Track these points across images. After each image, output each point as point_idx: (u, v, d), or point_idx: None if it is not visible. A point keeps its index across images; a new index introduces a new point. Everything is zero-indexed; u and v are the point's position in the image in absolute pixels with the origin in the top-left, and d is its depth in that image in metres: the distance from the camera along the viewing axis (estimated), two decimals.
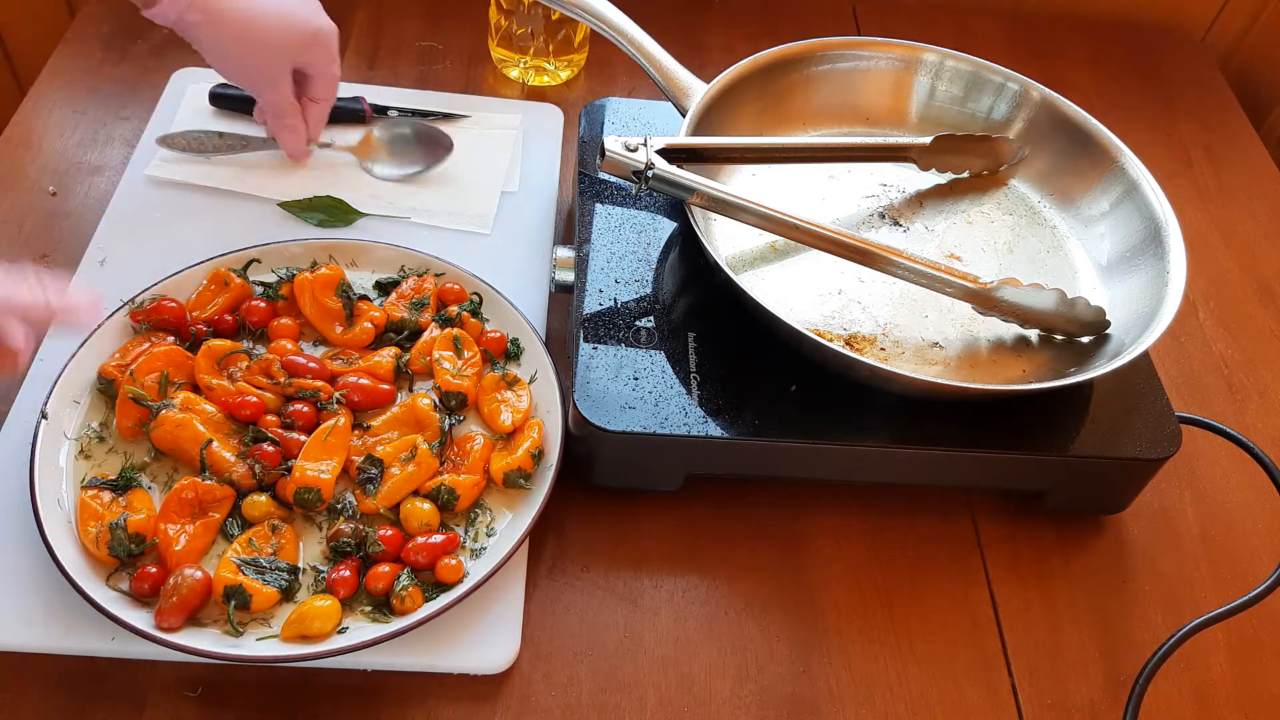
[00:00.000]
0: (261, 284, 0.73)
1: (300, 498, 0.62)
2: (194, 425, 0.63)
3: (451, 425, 0.68)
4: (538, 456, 0.66)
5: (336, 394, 0.67)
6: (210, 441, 0.63)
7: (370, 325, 0.71)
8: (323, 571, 0.61)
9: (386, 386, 0.68)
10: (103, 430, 0.65)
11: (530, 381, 0.70)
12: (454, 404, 0.68)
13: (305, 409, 0.66)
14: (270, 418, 0.65)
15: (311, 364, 0.68)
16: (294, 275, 0.72)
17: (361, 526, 0.62)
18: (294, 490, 0.62)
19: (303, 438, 0.64)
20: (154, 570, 0.59)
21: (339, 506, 0.64)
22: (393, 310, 0.73)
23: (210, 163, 0.83)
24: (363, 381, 0.68)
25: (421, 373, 0.71)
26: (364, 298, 0.73)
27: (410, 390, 0.70)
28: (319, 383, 0.67)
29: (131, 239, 0.77)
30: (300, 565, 0.61)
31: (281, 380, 0.67)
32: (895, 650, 0.65)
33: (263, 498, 0.62)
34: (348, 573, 0.60)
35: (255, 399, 0.65)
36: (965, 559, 0.70)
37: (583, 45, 0.96)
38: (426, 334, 0.71)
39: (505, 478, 0.65)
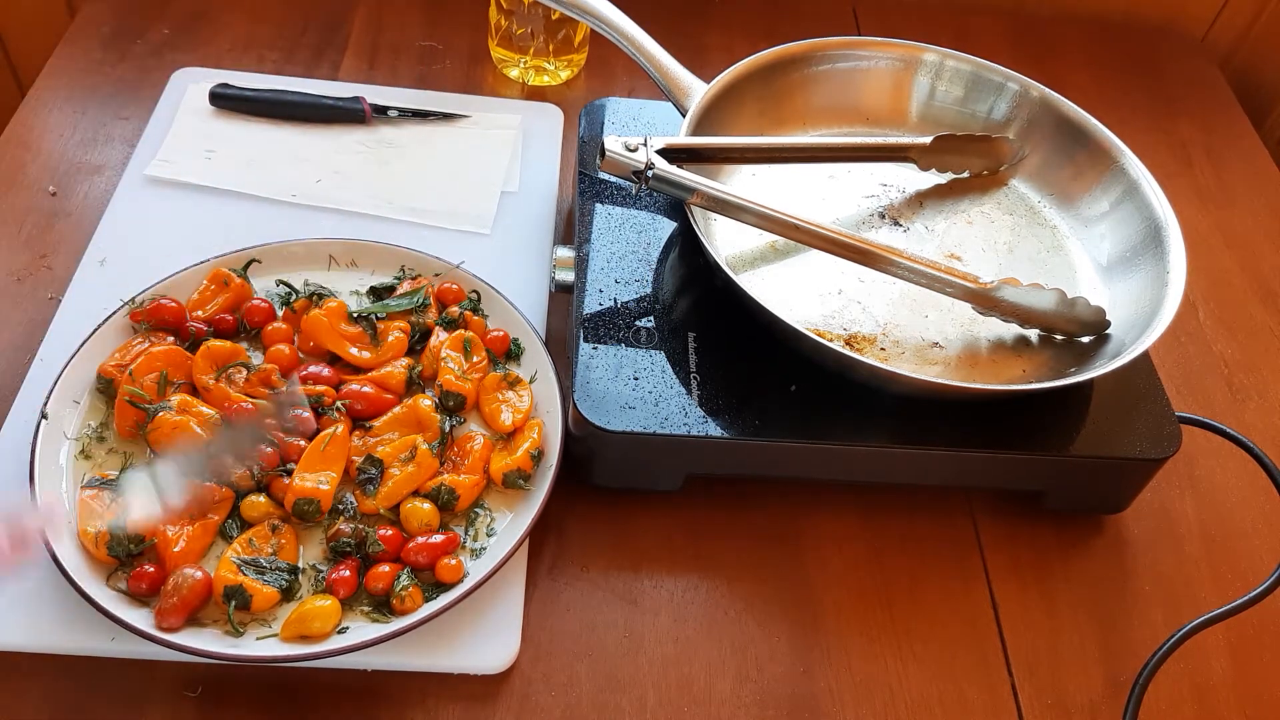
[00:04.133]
0: (280, 297, 0.73)
1: (299, 509, 0.62)
2: (191, 428, 0.63)
3: (452, 426, 0.68)
4: (537, 457, 0.66)
5: (339, 402, 0.66)
6: (209, 442, 0.63)
7: (401, 334, 0.70)
8: (323, 571, 0.61)
9: (390, 396, 0.68)
10: (103, 430, 0.65)
11: (530, 381, 0.70)
12: (452, 404, 0.68)
13: (306, 414, 0.66)
14: (270, 421, 0.65)
15: (325, 372, 0.68)
16: (295, 299, 0.72)
17: (362, 527, 0.62)
18: (293, 502, 0.62)
19: (303, 442, 0.64)
20: (151, 569, 0.59)
21: (339, 507, 0.63)
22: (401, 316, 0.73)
23: (210, 162, 0.83)
24: (366, 390, 0.67)
25: (432, 378, 0.70)
26: (380, 316, 0.72)
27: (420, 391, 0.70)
28: (321, 387, 0.67)
29: (131, 239, 0.77)
30: (300, 565, 0.61)
31: (283, 389, 0.67)
32: (895, 650, 0.65)
33: (261, 498, 0.62)
34: (348, 573, 0.60)
35: (250, 406, 0.65)
36: (965, 559, 0.70)
37: (583, 45, 0.96)
38: (434, 337, 0.71)
39: (505, 478, 0.65)
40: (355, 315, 0.71)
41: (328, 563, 0.61)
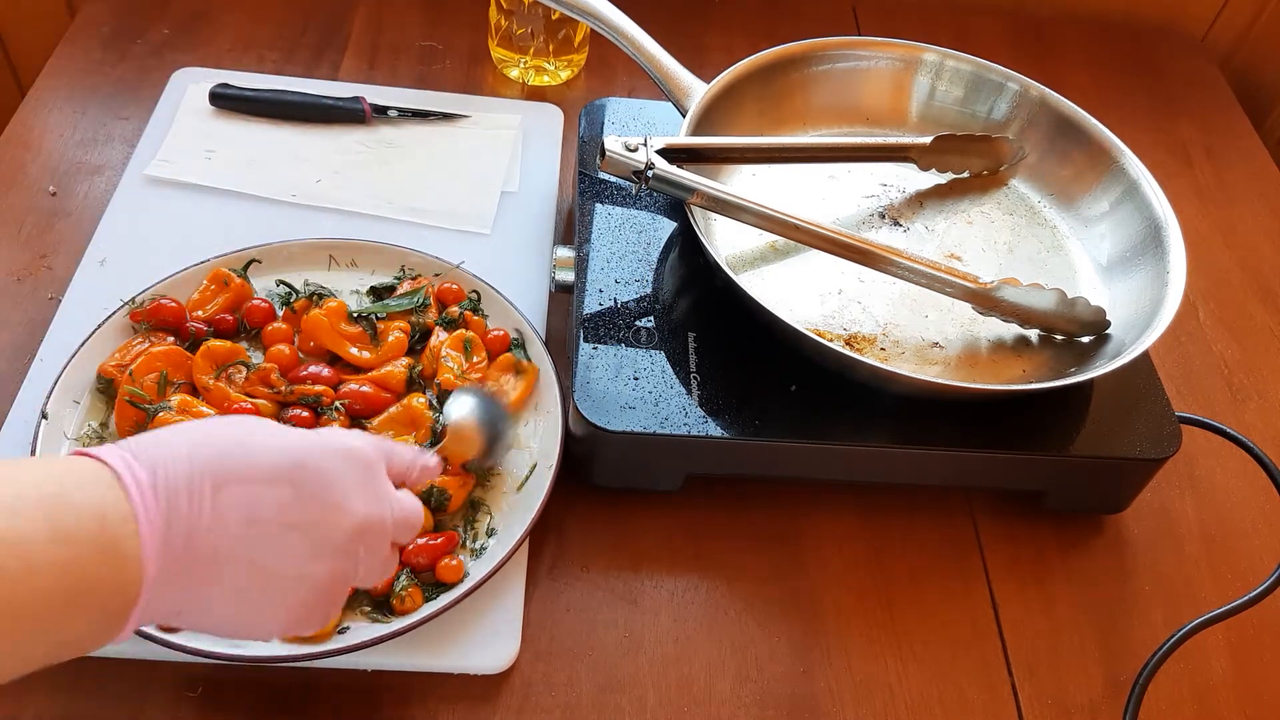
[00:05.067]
0: (280, 297, 0.73)
1: None
2: None
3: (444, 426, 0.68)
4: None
5: (337, 401, 0.66)
6: None
7: (401, 334, 0.70)
8: None
9: (389, 396, 0.68)
10: (103, 430, 0.65)
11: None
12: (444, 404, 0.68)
13: (304, 413, 0.66)
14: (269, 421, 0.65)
15: (325, 372, 0.68)
16: (295, 299, 0.72)
17: None
18: None
19: None
20: None
21: None
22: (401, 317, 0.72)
23: (210, 162, 0.83)
24: (364, 389, 0.67)
25: (432, 378, 0.70)
26: (380, 316, 0.72)
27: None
28: (320, 387, 0.67)
29: (131, 239, 0.77)
30: None
31: (283, 388, 0.67)
32: (895, 650, 0.65)
33: None
34: None
35: (249, 407, 0.65)
36: (965, 559, 0.70)
37: (583, 45, 0.96)
38: (434, 337, 0.71)
39: (464, 464, 0.64)
40: (355, 315, 0.71)
41: None
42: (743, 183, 0.79)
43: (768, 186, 0.79)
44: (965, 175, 0.82)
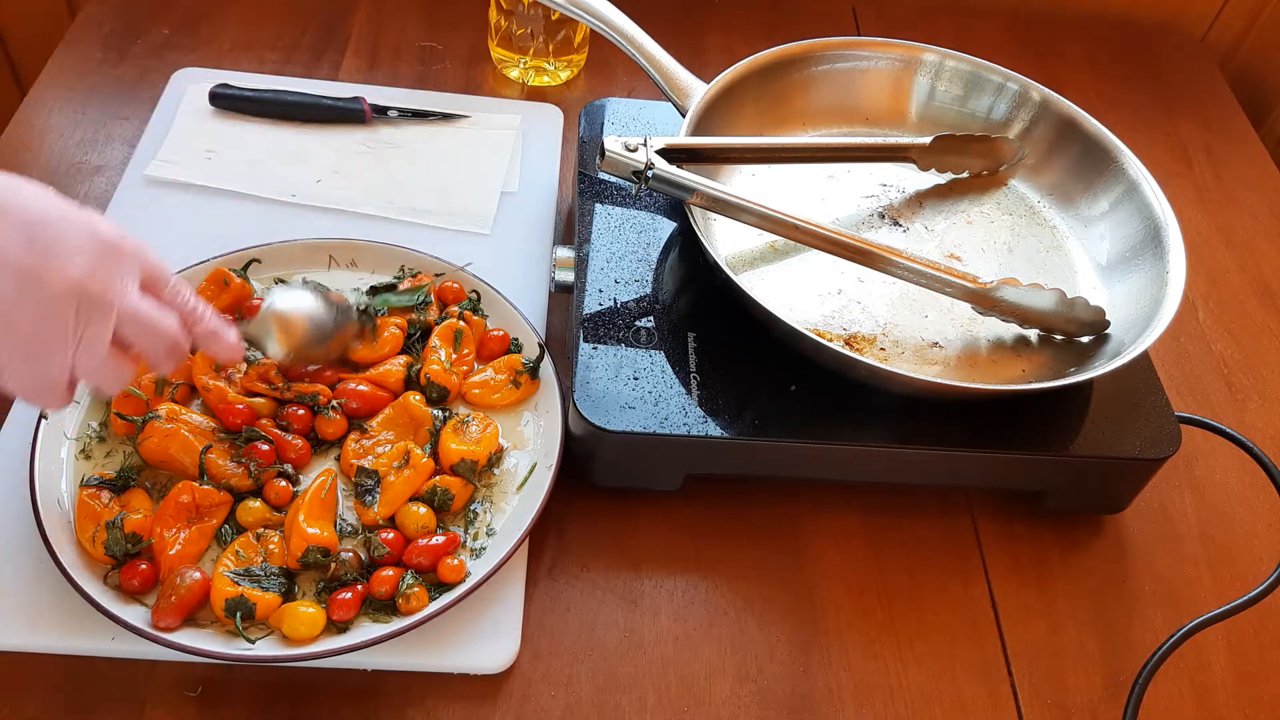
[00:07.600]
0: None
1: (311, 559, 0.60)
2: (182, 435, 0.63)
3: (445, 419, 0.68)
4: (496, 459, 0.66)
5: (334, 401, 0.66)
6: (209, 446, 0.63)
7: (397, 330, 0.70)
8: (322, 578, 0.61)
9: (385, 394, 0.68)
10: (103, 430, 0.65)
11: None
12: (435, 395, 0.68)
13: (301, 412, 0.66)
14: (265, 420, 0.65)
15: (324, 371, 0.68)
16: None
17: (359, 554, 0.61)
18: (304, 550, 0.60)
19: (297, 441, 0.65)
20: (144, 566, 0.59)
21: (336, 527, 0.63)
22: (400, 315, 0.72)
23: (210, 162, 0.83)
24: (361, 388, 0.67)
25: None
26: (379, 313, 0.72)
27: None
28: (317, 386, 0.67)
29: None
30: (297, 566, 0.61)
31: (280, 385, 0.67)
32: (895, 650, 0.65)
33: (256, 503, 0.62)
34: (349, 595, 0.59)
35: (244, 407, 0.65)
36: (965, 559, 0.70)
37: (583, 45, 0.97)
38: (434, 336, 0.71)
39: (453, 467, 0.64)
40: (356, 310, 0.71)
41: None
42: (743, 183, 0.79)
43: (768, 186, 0.79)
44: (965, 175, 0.82)
